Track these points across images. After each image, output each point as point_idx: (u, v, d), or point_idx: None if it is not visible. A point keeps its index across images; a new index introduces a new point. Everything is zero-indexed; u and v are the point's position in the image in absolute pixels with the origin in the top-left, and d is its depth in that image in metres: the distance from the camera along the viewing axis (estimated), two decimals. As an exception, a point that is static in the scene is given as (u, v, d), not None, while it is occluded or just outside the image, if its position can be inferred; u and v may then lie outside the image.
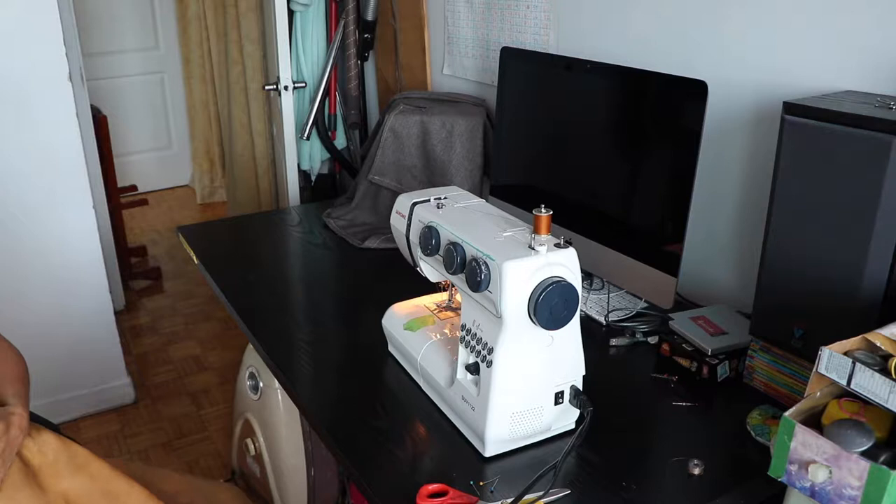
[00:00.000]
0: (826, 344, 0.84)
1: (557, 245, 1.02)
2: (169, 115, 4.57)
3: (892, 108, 1.01)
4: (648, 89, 1.37)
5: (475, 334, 1.08)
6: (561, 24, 1.77)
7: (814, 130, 1.03)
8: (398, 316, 1.31)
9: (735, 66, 1.39)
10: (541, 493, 0.97)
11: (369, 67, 2.79)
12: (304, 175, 2.91)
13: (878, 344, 0.84)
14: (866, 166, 0.98)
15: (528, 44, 1.87)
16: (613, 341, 1.39)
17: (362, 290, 1.67)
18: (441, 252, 1.12)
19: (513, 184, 1.76)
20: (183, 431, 2.45)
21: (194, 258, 1.82)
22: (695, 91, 1.24)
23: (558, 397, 1.07)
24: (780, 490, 0.89)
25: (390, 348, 1.35)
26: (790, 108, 1.06)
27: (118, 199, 3.33)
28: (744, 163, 1.42)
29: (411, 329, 1.27)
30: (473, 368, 1.07)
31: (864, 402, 0.82)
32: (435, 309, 1.33)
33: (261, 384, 1.74)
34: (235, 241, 1.97)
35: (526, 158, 1.70)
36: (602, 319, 1.46)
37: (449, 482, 1.01)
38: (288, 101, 2.58)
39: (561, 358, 1.06)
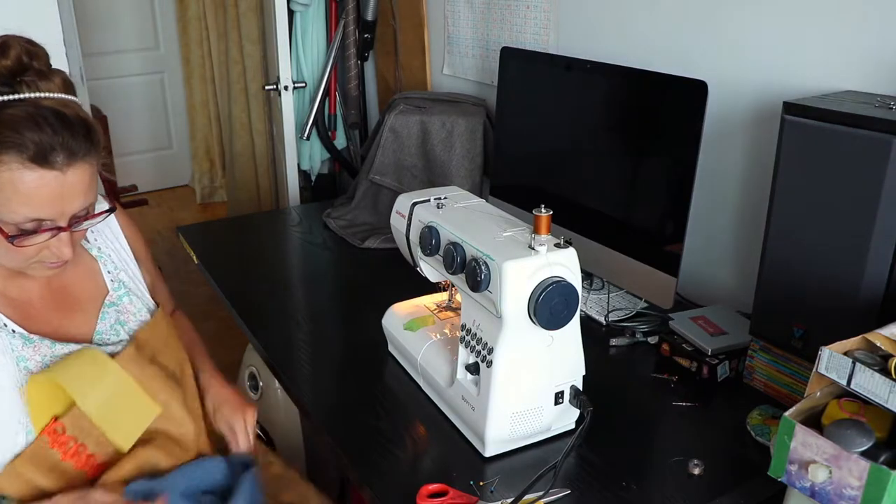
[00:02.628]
0: (826, 344, 0.84)
1: (557, 245, 1.02)
2: (169, 115, 4.57)
3: (892, 108, 1.01)
4: (648, 89, 1.37)
5: (475, 334, 1.08)
6: (561, 24, 1.77)
7: (814, 130, 1.03)
8: (398, 316, 1.31)
9: (735, 66, 1.39)
10: (541, 493, 0.97)
11: (369, 67, 2.79)
12: (304, 175, 2.91)
13: (878, 344, 0.84)
14: (866, 166, 0.98)
15: (528, 44, 1.87)
16: (613, 341, 1.39)
17: (362, 290, 1.67)
18: (441, 252, 1.12)
19: (513, 184, 1.76)
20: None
21: (194, 258, 1.82)
22: (695, 91, 1.24)
23: (558, 397, 1.07)
24: (780, 490, 0.89)
25: (390, 348, 1.35)
26: (790, 108, 1.06)
27: (118, 199, 3.33)
28: (744, 163, 1.42)
29: (411, 329, 1.27)
30: (473, 368, 1.07)
31: (864, 402, 0.82)
32: (435, 309, 1.33)
33: (261, 384, 1.74)
34: (235, 241, 1.97)
35: (526, 158, 1.70)
36: (602, 319, 1.46)
37: (449, 482, 1.01)
38: (288, 101, 2.58)
39: (561, 358, 1.06)
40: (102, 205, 1.06)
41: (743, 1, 1.36)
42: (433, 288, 1.33)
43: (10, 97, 0.92)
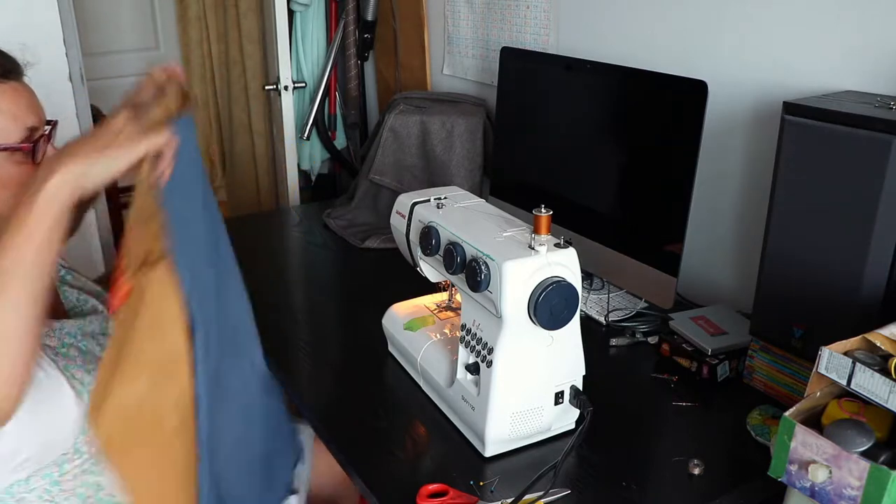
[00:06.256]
0: (826, 344, 0.84)
1: (557, 245, 1.02)
2: (169, 115, 4.57)
3: (892, 108, 1.01)
4: (648, 89, 1.37)
5: (475, 334, 1.08)
6: (561, 24, 1.77)
7: (814, 130, 1.03)
8: (398, 316, 1.31)
9: (735, 66, 1.39)
10: (541, 493, 0.97)
11: (369, 67, 2.79)
12: (304, 175, 2.91)
13: (878, 344, 0.84)
14: (866, 166, 0.98)
15: (528, 44, 1.87)
16: (613, 341, 1.39)
17: (362, 290, 1.67)
18: (441, 252, 1.12)
19: (513, 184, 1.76)
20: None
21: (194, 258, 1.82)
22: (695, 91, 1.24)
23: (558, 397, 1.07)
24: (780, 490, 0.89)
25: (390, 348, 1.35)
26: (790, 108, 1.06)
27: (118, 199, 3.32)
28: (744, 163, 1.42)
29: (411, 329, 1.27)
30: (473, 368, 1.07)
31: (864, 402, 0.82)
32: (435, 309, 1.33)
33: (261, 384, 1.74)
34: (235, 241, 1.96)
35: (526, 158, 1.70)
36: (602, 319, 1.46)
37: (449, 482, 1.01)
38: (288, 101, 2.58)
39: (561, 358, 1.06)
40: None
41: (743, 1, 1.36)
42: (433, 288, 1.33)
43: None
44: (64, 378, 0.95)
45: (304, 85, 2.73)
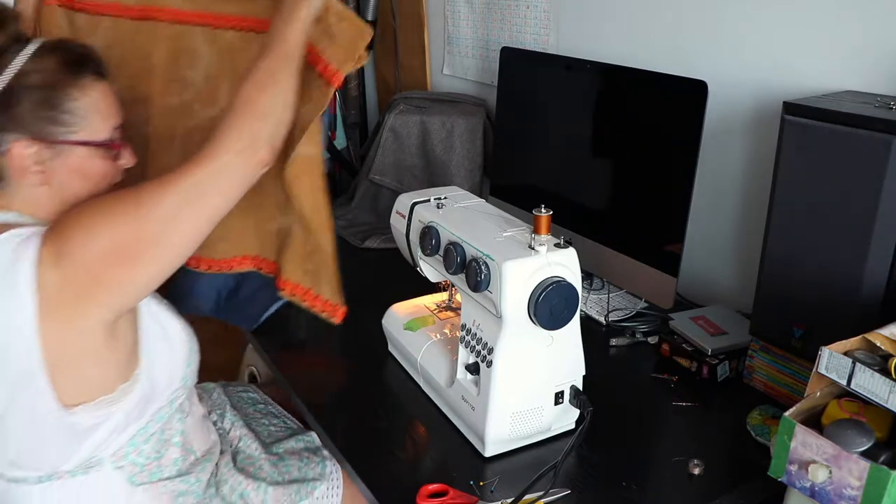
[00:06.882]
0: (826, 344, 0.84)
1: (557, 245, 1.02)
2: (169, 115, 4.56)
3: (892, 108, 1.01)
4: (648, 89, 1.37)
5: (475, 334, 1.08)
6: (561, 24, 1.77)
7: (814, 130, 1.03)
8: (398, 316, 1.31)
9: (735, 66, 1.39)
10: (541, 493, 0.97)
11: (369, 67, 2.79)
12: (304, 175, 2.91)
13: (878, 344, 0.84)
14: (866, 166, 0.98)
15: (528, 44, 1.87)
16: (613, 341, 1.39)
17: (362, 290, 1.67)
18: (441, 252, 1.12)
19: (513, 184, 1.76)
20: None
21: (194, 258, 1.81)
22: (695, 91, 1.24)
23: (558, 397, 1.07)
24: (780, 490, 0.89)
25: (390, 348, 1.35)
26: (790, 108, 1.06)
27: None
28: (744, 163, 1.42)
29: (411, 329, 1.27)
30: (473, 368, 1.07)
31: (864, 402, 0.82)
32: (435, 309, 1.33)
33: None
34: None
35: (526, 158, 1.70)
36: (602, 319, 1.46)
37: (449, 482, 1.01)
38: (288, 101, 2.58)
39: (561, 358, 1.06)
40: None
41: (743, 1, 1.36)
42: (433, 288, 1.33)
43: (36, 43, 0.97)
44: (166, 309, 1.09)
45: (304, 85, 2.72)
